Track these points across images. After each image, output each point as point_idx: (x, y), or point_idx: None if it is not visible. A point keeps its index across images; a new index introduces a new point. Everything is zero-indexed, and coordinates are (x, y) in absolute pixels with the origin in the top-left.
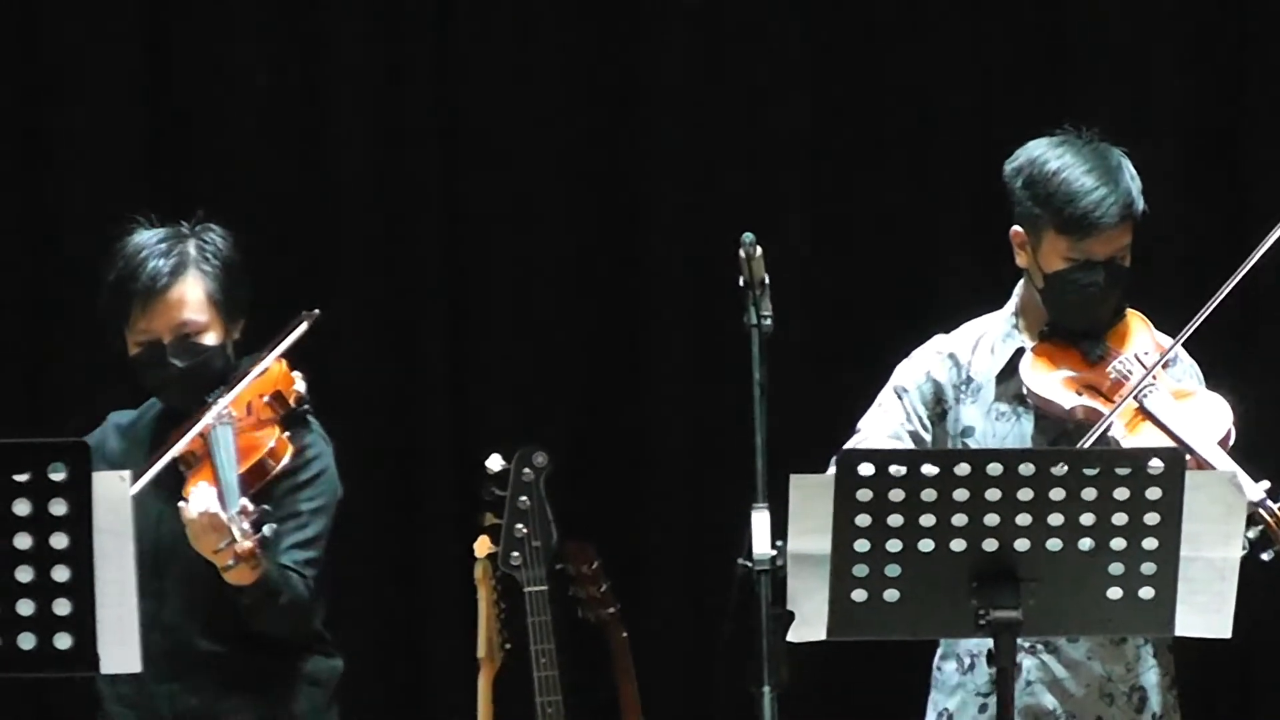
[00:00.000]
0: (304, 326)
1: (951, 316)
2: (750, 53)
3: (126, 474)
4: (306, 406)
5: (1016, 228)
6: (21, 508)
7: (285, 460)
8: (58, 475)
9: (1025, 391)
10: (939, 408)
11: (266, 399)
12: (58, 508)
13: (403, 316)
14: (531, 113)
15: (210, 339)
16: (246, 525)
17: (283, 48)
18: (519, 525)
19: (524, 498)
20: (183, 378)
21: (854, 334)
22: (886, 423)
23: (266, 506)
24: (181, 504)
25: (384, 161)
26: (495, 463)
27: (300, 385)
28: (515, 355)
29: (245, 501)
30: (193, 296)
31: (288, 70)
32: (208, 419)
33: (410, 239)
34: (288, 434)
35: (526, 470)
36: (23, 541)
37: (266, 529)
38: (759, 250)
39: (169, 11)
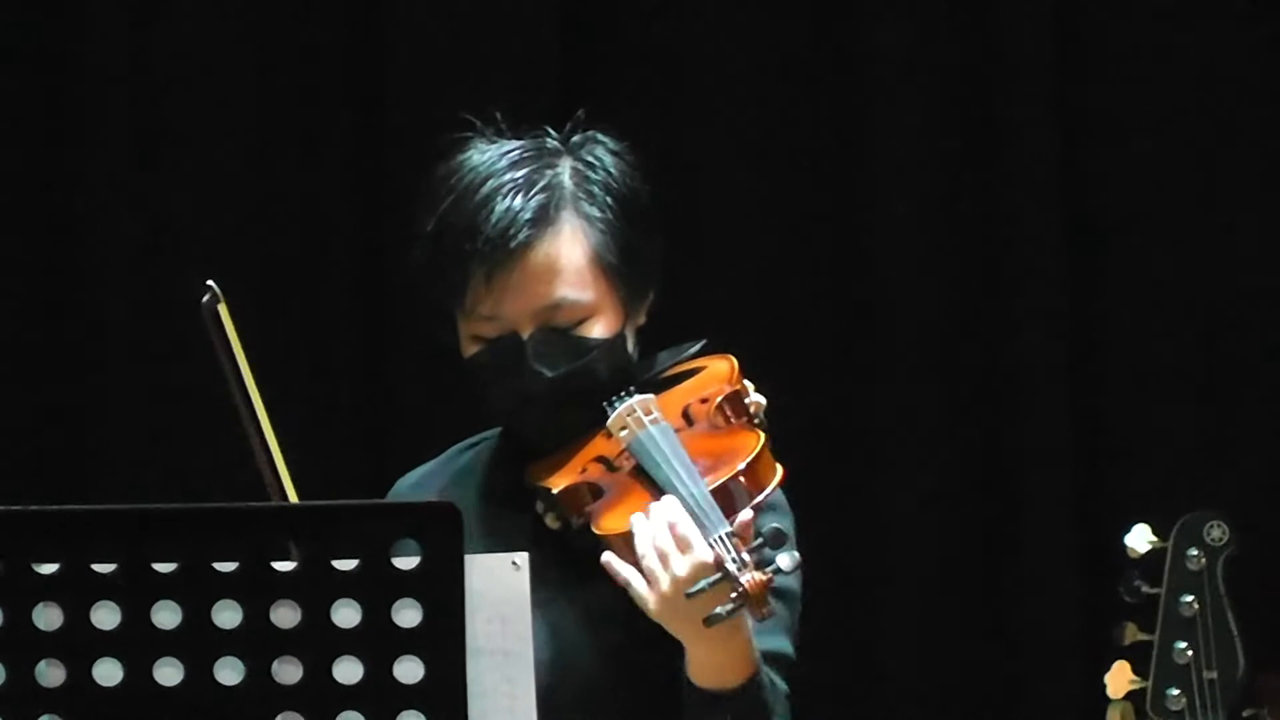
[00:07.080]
0: None
1: None
2: None
3: (523, 557)
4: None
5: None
6: (346, 617)
7: (772, 486)
8: (405, 562)
9: None
10: None
11: (720, 401)
12: (405, 616)
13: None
14: None
15: (599, 328)
16: (746, 556)
17: None
18: (1181, 644)
19: (1189, 597)
20: (554, 396)
21: None
22: None
23: (779, 526)
24: (637, 517)
25: None
26: (1140, 539)
27: (757, 395)
28: (1169, 389)
29: (749, 513)
30: (570, 259)
31: None
32: (621, 423)
33: None
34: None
35: (1194, 551)
36: (348, 672)
37: (785, 557)
38: None
39: None
